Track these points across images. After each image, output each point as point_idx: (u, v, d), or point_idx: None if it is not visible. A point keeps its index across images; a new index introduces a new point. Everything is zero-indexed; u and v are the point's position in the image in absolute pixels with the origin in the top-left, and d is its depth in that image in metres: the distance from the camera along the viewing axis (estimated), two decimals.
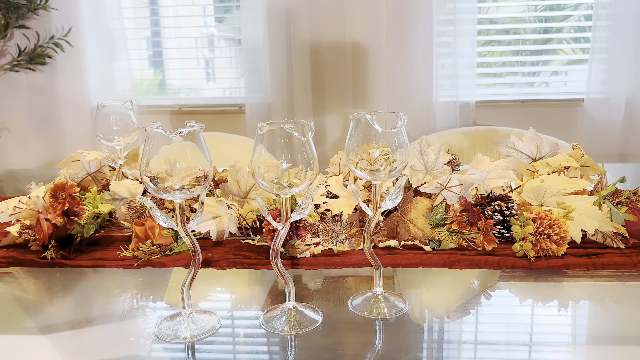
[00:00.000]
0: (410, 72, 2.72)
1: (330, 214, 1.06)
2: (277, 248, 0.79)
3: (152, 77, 3.18)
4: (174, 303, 0.88)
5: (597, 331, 0.79)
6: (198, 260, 0.79)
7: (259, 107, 2.87)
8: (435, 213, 1.05)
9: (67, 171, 1.27)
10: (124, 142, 1.23)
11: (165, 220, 0.77)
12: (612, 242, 1.00)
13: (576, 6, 2.76)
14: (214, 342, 0.76)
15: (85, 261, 1.03)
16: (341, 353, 0.74)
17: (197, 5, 3.06)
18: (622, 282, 0.90)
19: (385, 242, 1.04)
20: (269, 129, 0.74)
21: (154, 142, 0.73)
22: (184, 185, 0.74)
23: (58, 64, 2.92)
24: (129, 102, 1.23)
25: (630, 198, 1.05)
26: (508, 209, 1.03)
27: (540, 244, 0.96)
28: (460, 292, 0.89)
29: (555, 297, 0.87)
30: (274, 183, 0.76)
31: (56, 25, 2.86)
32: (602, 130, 2.65)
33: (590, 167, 1.14)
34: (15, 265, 1.03)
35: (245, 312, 0.87)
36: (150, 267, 1.01)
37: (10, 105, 3.01)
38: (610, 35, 2.56)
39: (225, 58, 3.16)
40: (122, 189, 1.14)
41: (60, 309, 0.88)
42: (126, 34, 2.97)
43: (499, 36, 2.87)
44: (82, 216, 1.07)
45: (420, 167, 1.09)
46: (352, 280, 0.94)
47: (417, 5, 2.64)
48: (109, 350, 0.75)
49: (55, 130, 3.01)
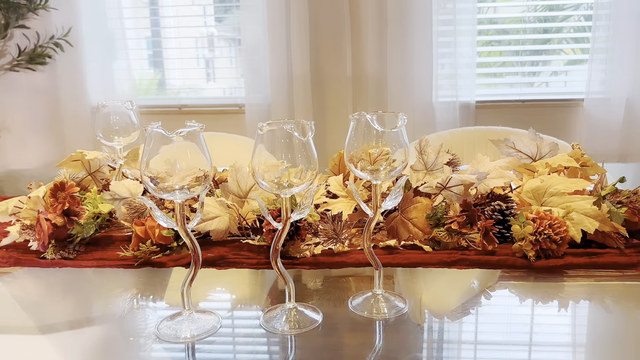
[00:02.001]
0: (410, 72, 2.72)
1: (330, 214, 1.06)
2: (277, 248, 0.79)
3: (152, 77, 3.18)
4: (174, 303, 0.88)
5: (597, 331, 0.79)
6: (198, 260, 0.79)
7: (259, 107, 2.87)
8: (435, 213, 1.05)
9: (67, 171, 1.27)
10: (124, 142, 1.23)
11: (165, 220, 0.77)
12: (612, 242, 1.00)
13: (576, 6, 2.76)
14: (214, 342, 0.77)
15: (86, 261, 1.03)
16: (341, 353, 0.74)
17: (197, 5, 3.06)
18: (622, 282, 0.90)
19: (385, 242, 1.04)
20: (269, 129, 0.74)
21: (154, 142, 0.73)
22: (184, 185, 0.74)
23: (58, 64, 2.92)
24: (129, 102, 1.23)
25: (630, 198, 1.05)
26: (508, 208, 1.03)
27: (540, 244, 0.96)
28: (460, 292, 0.89)
29: (555, 297, 0.87)
30: (274, 183, 0.76)
31: (56, 25, 2.86)
32: (602, 130, 2.65)
33: (590, 167, 1.14)
34: (15, 265, 1.03)
35: (245, 312, 0.87)
36: (150, 267, 1.01)
37: (10, 105, 3.01)
38: (610, 35, 2.56)
39: (225, 58, 3.16)
40: (122, 189, 1.14)
41: (60, 309, 0.88)
42: (126, 33, 2.97)
43: (499, 36, 2.87)
44: (82, 216, 1.07)
45: (420, 167, 1.09)
46: (352, 280, 0.94)
47: (417, 5, 2.64)
48: (109, 350, 0.75)
49: (55, 130, 3.01)
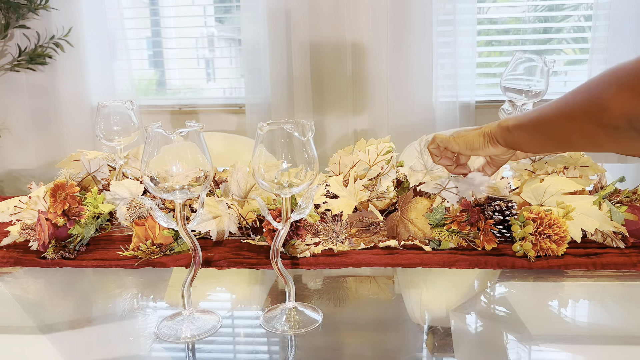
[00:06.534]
0: (410, 72, 2.72)
1: (330, 214, 1.06)
2: (277, 248, 0.79)
3: (152, 77, 3.18)
4: (174, 303, 0.88)
5: (597, 331, 0.79)
6: (198, 260, 0.79)
7: (259, 107, 2.87)
8: (435, 213, 1.05)
9: (68, 171, 1.27)
10: (125, 142, 1.23)
11: (166, 220, 0.77)
12: (612, 241, 1.00)
13: (576, 6, 2.76)
14: (214, 341, 0.77)
15: (86, 261, 1.03)
16: (341, 353, 0.74)
17: (197, 5, 3.06)
18: (622, 282, 0.90)
19: (385, 242, 1.04)
20: (269, 129, 0.74)
21: (155, 142, 0.73)
22: (184, 185, 0.74)
23: (58, 64, 2.92)
24: (129, 102, 1.23)
25: (630, 197, 1.05)
26: (508, 208, 1.03)
27: (540, 244, 0.96)
28: (460, 292, 0.90)
29: (555, 297, 0.87)
30: (274, 183, 0.76)
31: (56, 25, 2.86)
32: None
33: (589, 167, 1.14)
34: (15, 265, 1.03)
35: (245, 312, 0.87)
36: (150, 266, 1.01)
37: (10, 105, 3.01)
38: (610, 35, 2.56)
39: (226, 58, 3.16)
40: (122, 189, 1.14)
41: (60, 309, 0.88)
42: (126, 34, 2.97)
43: (499, 36, 2.87)
44: (82, 216, 1.07)
45: (419, 167, 1.09)
46: (352, 280, 0.95)
47: (417, 5, 2.64)
48: (109, 350, 0.75)
49: (55, 130, 3.01)
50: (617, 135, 0.66)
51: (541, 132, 0.81)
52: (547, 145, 0.85)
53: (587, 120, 0.69)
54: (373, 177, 1.15)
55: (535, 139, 0.83)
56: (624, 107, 0.63)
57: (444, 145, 0.97)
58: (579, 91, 0.72)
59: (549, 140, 0.81)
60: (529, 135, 0.84)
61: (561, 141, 0.79)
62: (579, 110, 0.71)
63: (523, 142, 0.87)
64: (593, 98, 0.68)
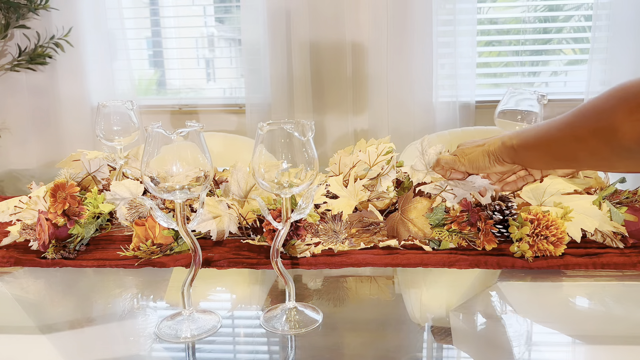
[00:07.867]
0: (410, 72, 2.73)
1: (330, 214, 1.06)
2: (278, 248, 0.80)
3: (152, 77, 3.18)
4: (174, 303, 0.88)
5: (597, 331, 0.79)
6: (198, 260, 0.79)
7: (259, 107, 2.87)
8: (435, 213, 1.05)
9: (68, 171, 1.27)
10: (125, 142, 1.24)
11: (166, 220, 0.77)
12: (612, 242, 1.00)
13: (576, 7, 2.76)
14: (214, 341, 0.77)
15: (86, 261, 1.03)
16: (341, 353, 0.74)
17: (197, 5, 3.06)
18: (622, 282, 0.90)
19: (385, 242, 1.04)
20: (269, 129, 0.74)
21: (155, 142, 0.73)
22: (184, 185, 0.75)
23: (58, 64, 2.92)
24: (129, 102, 1.23)
25: (630, 198, 1.05)
26: (508, 208, 1.03)
27: (537, 245, 0.96)
28: (460, 292, 0.90)
29: (555, 297, 0.87)
30: (274, 183, 0.76)
31: (56, 25, 2.86)
32: None
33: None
34: (15, 265, 1.03)
35: (245, 312, 0.87)
36: (150, 266, 1.01)
37: (10, 105, 3.01)
38: (610, 35, 2.56)
39: (226, 58, 3.16)
40: (122, 189, 1.14)
41: (60, 309, 0.88)
42: (126, 34, 2.97)
43: (499, 36, 2.87)
44: (82, 216, 1.07)
45: (421, 167, 1.09)
46: (352, 280, 0.95)
47: (417, 5, 2.65)
48: (109, 350, 0.75)
49: (55, 130, 3.01)
50: (629, 156, 0.65)
51: (549, 152, 0.80)
52: (556, 164, 0.85)
53: (596, 142, 0.69)
54: (373, 177, 1.15)
55: (543, 158, 0.82)
56: (636, 129, 0.62)
57: (448, 166, 0.96)
58: (584, 112, 0.71)
59: (556, 160, 0.80)
60: (535, 154, 0.83)
61: (570, 160, 0.78)
62: (587, 132, 0.70)
63: (530, 161, 0.86)
64: (602, 121, 0.67)
